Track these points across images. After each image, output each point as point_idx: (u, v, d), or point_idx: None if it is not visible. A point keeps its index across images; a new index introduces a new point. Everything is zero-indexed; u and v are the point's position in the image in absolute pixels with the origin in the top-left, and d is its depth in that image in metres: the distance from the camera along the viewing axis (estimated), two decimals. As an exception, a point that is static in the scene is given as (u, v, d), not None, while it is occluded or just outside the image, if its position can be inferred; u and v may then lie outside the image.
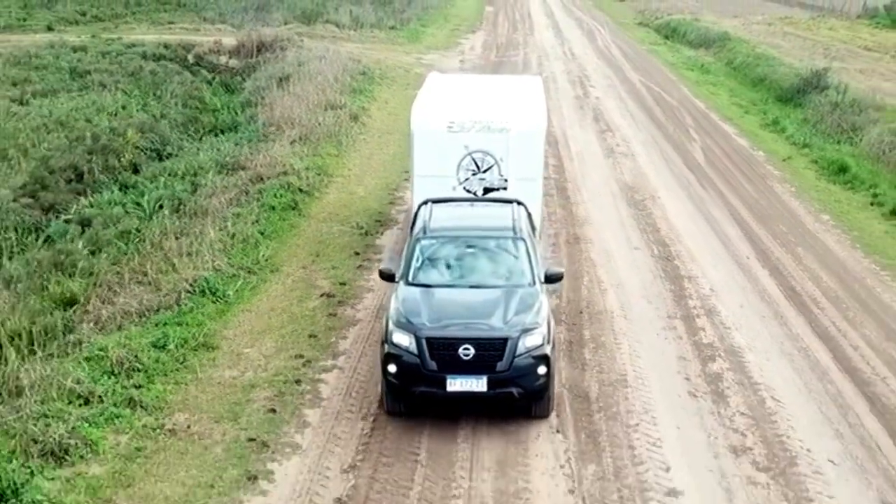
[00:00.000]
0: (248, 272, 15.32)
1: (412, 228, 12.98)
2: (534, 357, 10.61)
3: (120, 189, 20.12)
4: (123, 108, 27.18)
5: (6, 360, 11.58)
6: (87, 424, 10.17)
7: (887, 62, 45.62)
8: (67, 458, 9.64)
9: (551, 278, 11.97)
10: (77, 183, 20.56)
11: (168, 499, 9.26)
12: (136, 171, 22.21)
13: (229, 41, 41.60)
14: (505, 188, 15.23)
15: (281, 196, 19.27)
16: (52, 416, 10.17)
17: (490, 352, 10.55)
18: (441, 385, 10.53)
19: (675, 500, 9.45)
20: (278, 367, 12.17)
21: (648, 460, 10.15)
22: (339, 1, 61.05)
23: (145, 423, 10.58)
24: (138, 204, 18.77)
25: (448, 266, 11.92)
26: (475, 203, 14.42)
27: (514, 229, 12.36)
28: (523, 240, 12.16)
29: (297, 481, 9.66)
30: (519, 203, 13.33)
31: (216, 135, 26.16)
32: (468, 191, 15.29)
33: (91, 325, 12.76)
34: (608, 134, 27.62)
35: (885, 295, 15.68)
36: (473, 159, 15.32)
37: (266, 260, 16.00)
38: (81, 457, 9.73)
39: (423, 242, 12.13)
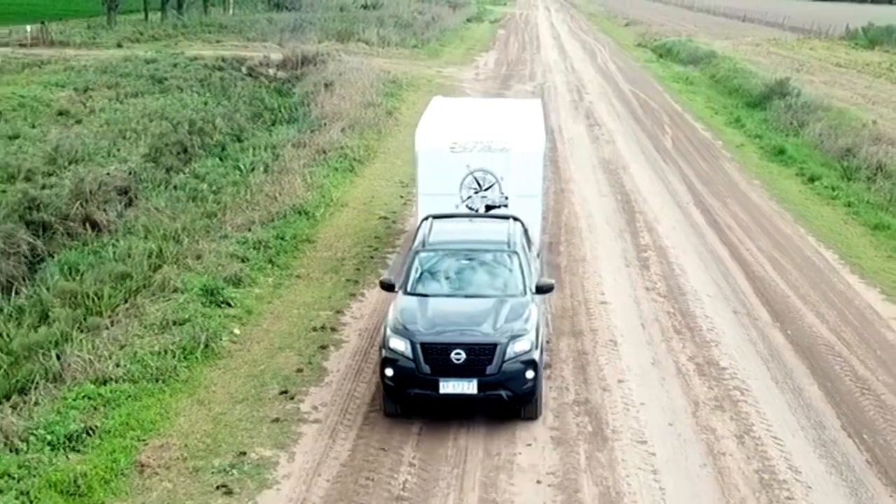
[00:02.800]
0: (326, 205, 21.67)
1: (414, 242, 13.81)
2: (522, 362, 11.20)
3: (218, 158, 26.56)
4: (205, 104, 33.74)
5: (182, 242, 17.93)
6: (247, 269, 16.54)
7: (850, 76, 52.01)
8: (240, 284, 15.96)
9: (542, 289, 12.59)
10: (183, 154, 27.04)
11: (305, 302, 15.64)
12: (223, 149, 28.65)
13: (276, 56, 48.33)
14: (506, 205, 15.98)
15: (341, 162, 25.68)
16: (225, 266, 16.50)
17: (480, 356, 11.12)
18: (434, 387, 11.16)
19: (605, 306, 15.78)
20: (357, 251, 18.54)
21: (591, 290, 16.51)
22: (365, 23, 67.91)
23: (280, 273, 16.97)
24: (236, 166, 25.20)
25: (445, 277, 12.54)
26: (474, 219, 15.00)
27: (508, 243, 13.00)
28: (516, 253, 12.80)
29: (378, 299, 15.92)
30: (515, 219, 14.08)
31: (278, 125, 32.62)
32: (471, 208, 16.08)
33: (229, 228, 19.10)
34: (595, 127, 33.97)
35: (782, 224, 21.87)
36: (475, 178, 16.05)
37: (337, 199, 22.38)
38: (248, 285, 16.08)
39: (422, 255, 12.80)
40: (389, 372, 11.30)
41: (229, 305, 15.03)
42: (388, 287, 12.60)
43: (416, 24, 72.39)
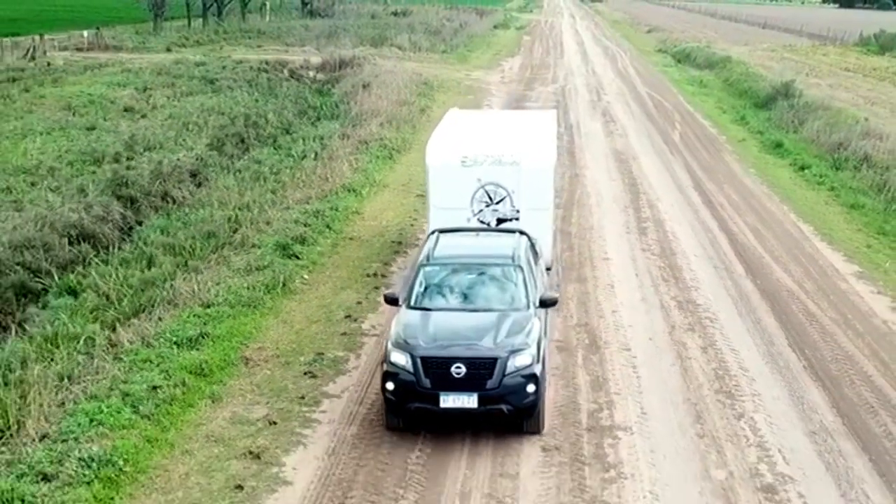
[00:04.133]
0: (370, 185, 25.05)
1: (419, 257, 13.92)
2: (523, 376, 11.23)
3: (272, 148, 30.02)
4: (256, 101, 37.26)
5: (253, 211, 21.34)
6: (310, 232, 19.91)
7: (856, 79, 54.96)
8: (305, 242, 19.33)
9: (545, 303, 12.62)
10: (241, 144, 30.52)
11: (358, 257, 19.02)
12: (275, 140, 32.11)
13: (315, 59, 51.91)
14: (517, 219, 16.10)
15: (381, 151, 29.08)
16: (291, 229, 19.87)
17: (480, 370, 11.16)
18: (434, 401, 11.21)
19: (607, 261, 19.06)
20: (398, 221, 21.89)
21: (597, 250, 19.79)
22: (397, 30, 71.51)
23: (336, 236, 20.36)
24: (289, 154, 28.63)
25: (449, 291, 12.63)
26: (480, 233, 14.95)
27: (512, 258, 13.04)
28: (520, 267, 12.82)
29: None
30: (522, 233, 14.20)
31: (322, 121, 36.06)
32: (482, 221, 16.21)
33: (291, 201, 22.49)
34: (611, 124, 37.20)
35: (769, 204, 24.99)
36: (486, 192, 16.23)
37: (379, 181, 25.76)
38: (311, 243, 19.44)
39: (427, 269, 12.87)
40: (390, 386, 11.43)
41: (298, 258, 18.41)
42: (392, 301, 12.63)
43: (445, 30, 75.92)
